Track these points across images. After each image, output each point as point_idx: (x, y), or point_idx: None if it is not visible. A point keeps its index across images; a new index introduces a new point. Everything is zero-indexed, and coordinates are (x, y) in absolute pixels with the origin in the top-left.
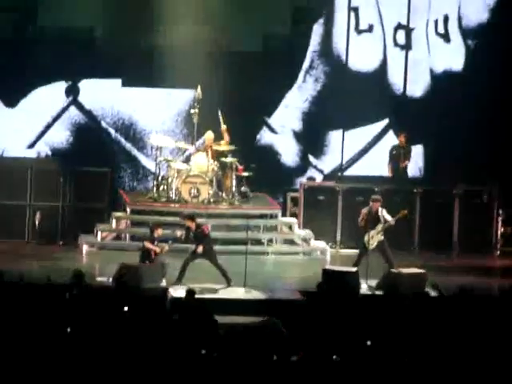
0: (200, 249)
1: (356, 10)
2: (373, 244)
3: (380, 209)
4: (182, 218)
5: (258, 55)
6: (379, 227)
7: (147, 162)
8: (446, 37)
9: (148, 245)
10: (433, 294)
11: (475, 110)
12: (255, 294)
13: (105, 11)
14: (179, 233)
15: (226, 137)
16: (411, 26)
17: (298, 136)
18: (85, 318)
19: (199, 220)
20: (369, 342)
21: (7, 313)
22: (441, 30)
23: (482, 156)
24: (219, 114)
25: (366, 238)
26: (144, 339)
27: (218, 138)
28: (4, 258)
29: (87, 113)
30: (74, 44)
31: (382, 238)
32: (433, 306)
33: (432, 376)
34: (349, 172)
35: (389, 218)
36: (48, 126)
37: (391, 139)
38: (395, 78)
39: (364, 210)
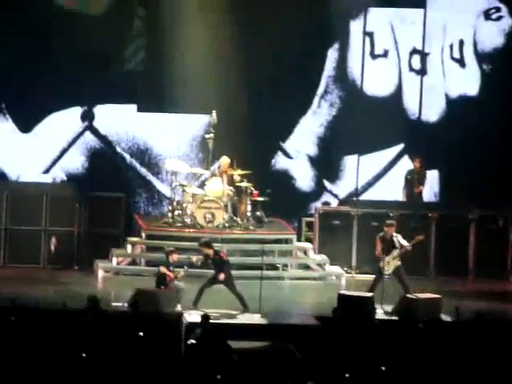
0: (222, 276)
1: (371, 34)
2: (389, 270)
3: (395, 234)
4: (199, 246)
5: (273, 80)
6: (395, 253)
7: (162, 187)
8: (461, 62)
9: (163, 270)
10: (448, 319)
11: (491, 135)
12: (270, 320)
13: (120, 37)
14: (194, 258)
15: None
16: (426, 50)
17: (312, 161)
18: (100, 343)
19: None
20: (383, 368)
21: (23, 338)
22: (456, 54)
23: (498, 181)
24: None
25: (381, 264)
26: (159, 364)
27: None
28: (19, 283)
29: (102, 138)
30: (89, 69)
31: (399, 263)
32: (448, 332)
33: None
34: (364, 197)
35: (405, 243)
36: (63, 152)
37: (406, 164)
38: (410, 102)
39: (378, 237)
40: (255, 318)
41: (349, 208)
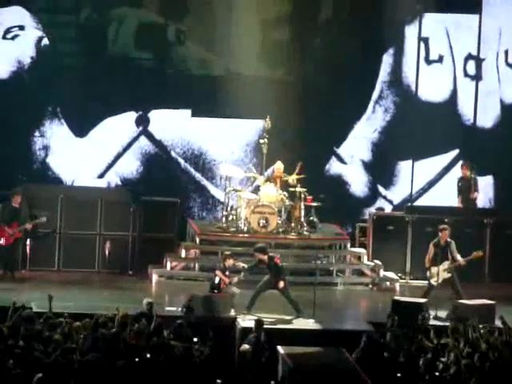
0: (281, 285)
1: (426, 40)
2: (437, 281)
3: (449, 240)
4: (253, 251)
5: (327, 85)
6: (446, 265)
7: (216, 192)
8: None
9: (219, 274)
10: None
11: None
12: (324, 325)
13: (174, 44)
14: (241, 264)
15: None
16: (481, 56)
17: (367, 166)
18: (154, 347)
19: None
20: (437, 373)
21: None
22: (511, 60)
23: None
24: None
25: (428, 274)
26: (212, 369)
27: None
28: (74, 288)
29: (157, 143)
30: (144, 74)
31: (449, 275)
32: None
33: None
34: (418, 202)
35: (459, 257)
36: (118, 156)
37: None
38: (465, 108)
39: (432, 244)
40: (309, 324)
41: (403, 214)
